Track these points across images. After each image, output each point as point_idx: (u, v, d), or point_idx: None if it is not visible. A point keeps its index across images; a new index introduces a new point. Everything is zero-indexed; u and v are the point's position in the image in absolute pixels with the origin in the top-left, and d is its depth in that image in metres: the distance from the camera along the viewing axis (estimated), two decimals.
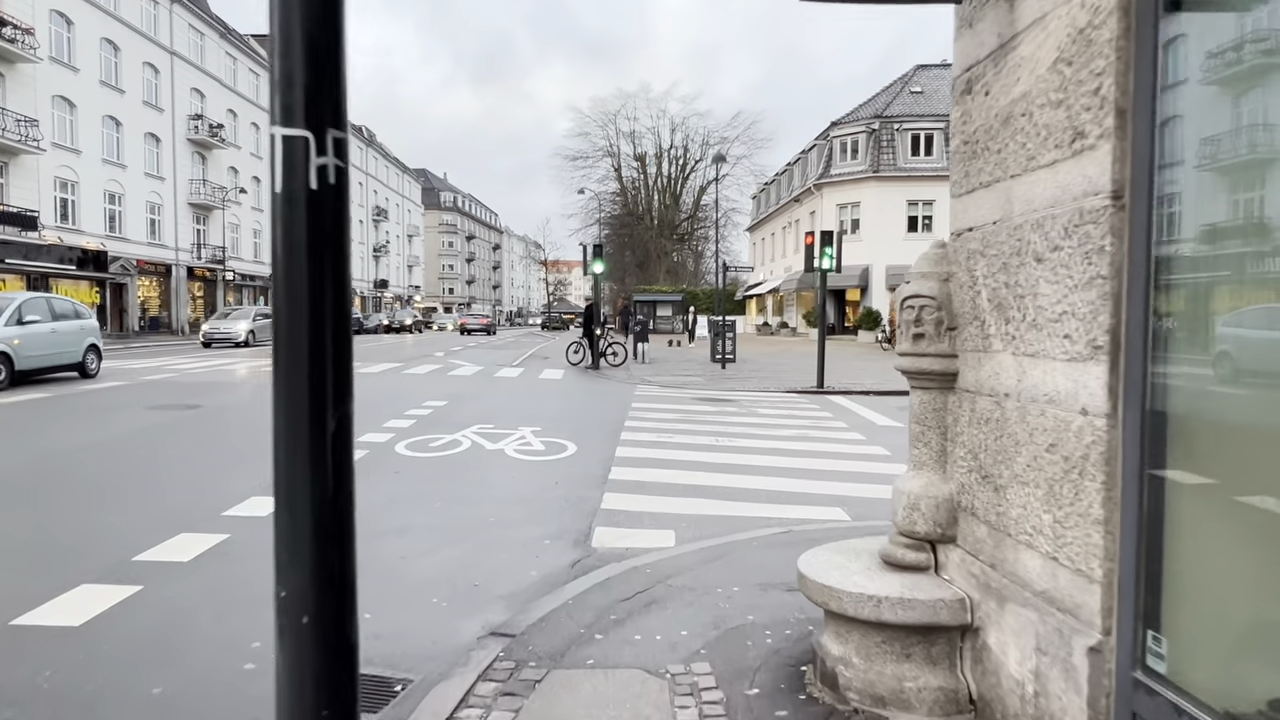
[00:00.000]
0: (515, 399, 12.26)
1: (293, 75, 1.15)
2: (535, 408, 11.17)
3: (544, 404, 11.68)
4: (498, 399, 12.17)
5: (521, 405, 11.40)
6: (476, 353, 25.35)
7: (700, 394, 13.73)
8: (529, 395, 12.98)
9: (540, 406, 11.33)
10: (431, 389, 13.60)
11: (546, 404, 11.69)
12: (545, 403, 11.88)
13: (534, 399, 12.43)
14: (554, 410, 10.95)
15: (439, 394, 12.65)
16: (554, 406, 11.36)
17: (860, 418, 11.09)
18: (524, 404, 11.58)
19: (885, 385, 15.15)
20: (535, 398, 12.63)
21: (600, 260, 18.86)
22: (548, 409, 11.03)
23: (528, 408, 11.12)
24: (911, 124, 32.45)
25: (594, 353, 19.09)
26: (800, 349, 27.87)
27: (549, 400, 12.34)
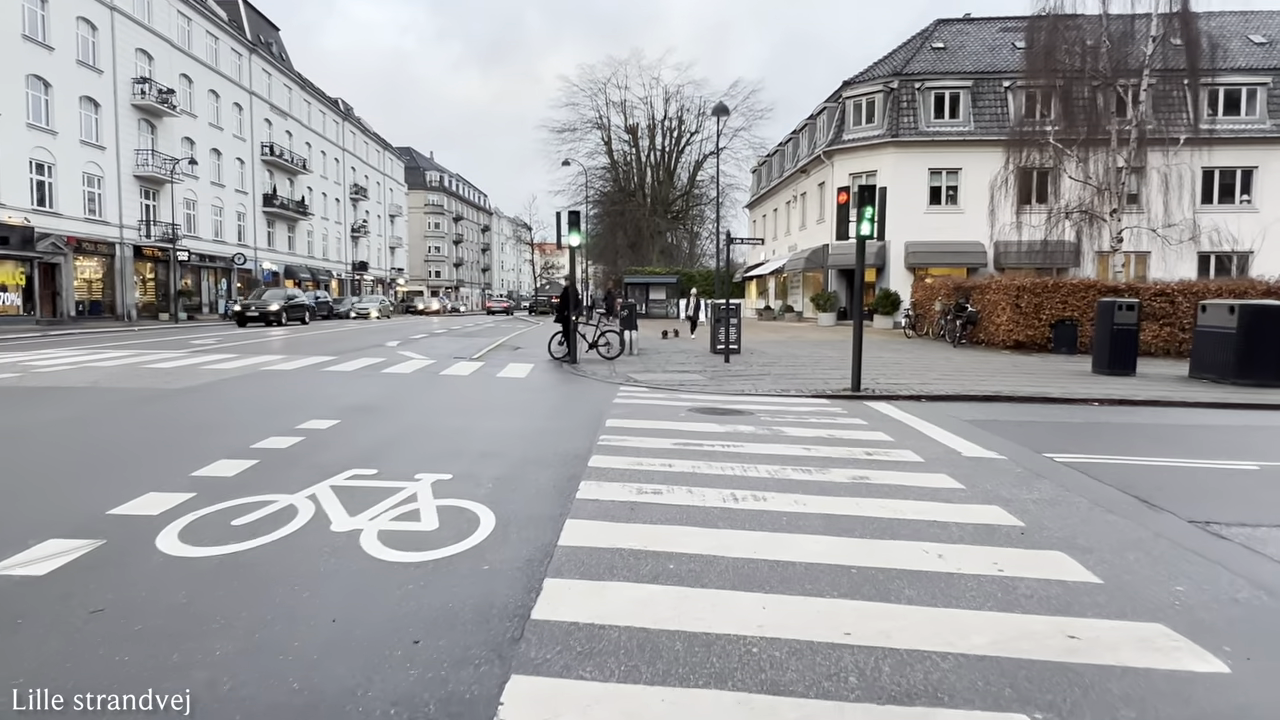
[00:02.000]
0: (442, 414, 8.86)
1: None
2: (464, 430, 7.80)
3: (480, 423, 8.29)
4: (418, 414, 8.78)
5: (445, 426, 8.02)
6: (437, 342, 21.93)
7: (701, 400, 10.39)
8: (466, 407, 9.58)
9: (472, 428, 7.94)
10: (340, 395, 10.23)
11: (484, 423, 8.29)
12: (483, 420, 8.49)
13: (470, 414, 9.04)
14: (489, 435, 7.56)
15: (343, 404, 9.28)
16: (492, 428, 7.96)
17: (929, 440, 7.77)
18: (450, 423, 8.19)
19: (935, 386, 11.81)
20: (473, 412, 9.23)
21: (577, 231, 15.45)
22: (481, 433, 7.66)
23: (452, 431, 7.73)
24: (935, 82, 28.92)
25: (570, 343, 15.72)
26: (811, 336, 24.54)
27: (491, 416, 8.94)
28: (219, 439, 6.98)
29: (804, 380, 12.76)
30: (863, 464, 6.57)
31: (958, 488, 5.84)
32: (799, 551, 4.26)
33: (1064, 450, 7.45)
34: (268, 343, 20.29)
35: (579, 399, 10.62)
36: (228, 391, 10.55)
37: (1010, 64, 29.65)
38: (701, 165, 56.51)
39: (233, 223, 46.12)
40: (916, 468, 6.51)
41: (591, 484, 5.55)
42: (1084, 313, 18.48)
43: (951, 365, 15.45)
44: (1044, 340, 18.69)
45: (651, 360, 16.23)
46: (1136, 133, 19.69)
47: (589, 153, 55.77)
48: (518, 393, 11.09)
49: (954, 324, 21.33)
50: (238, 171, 46.75)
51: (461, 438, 7.24)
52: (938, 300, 22.90)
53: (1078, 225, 21.59)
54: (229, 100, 45.54)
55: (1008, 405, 10.63)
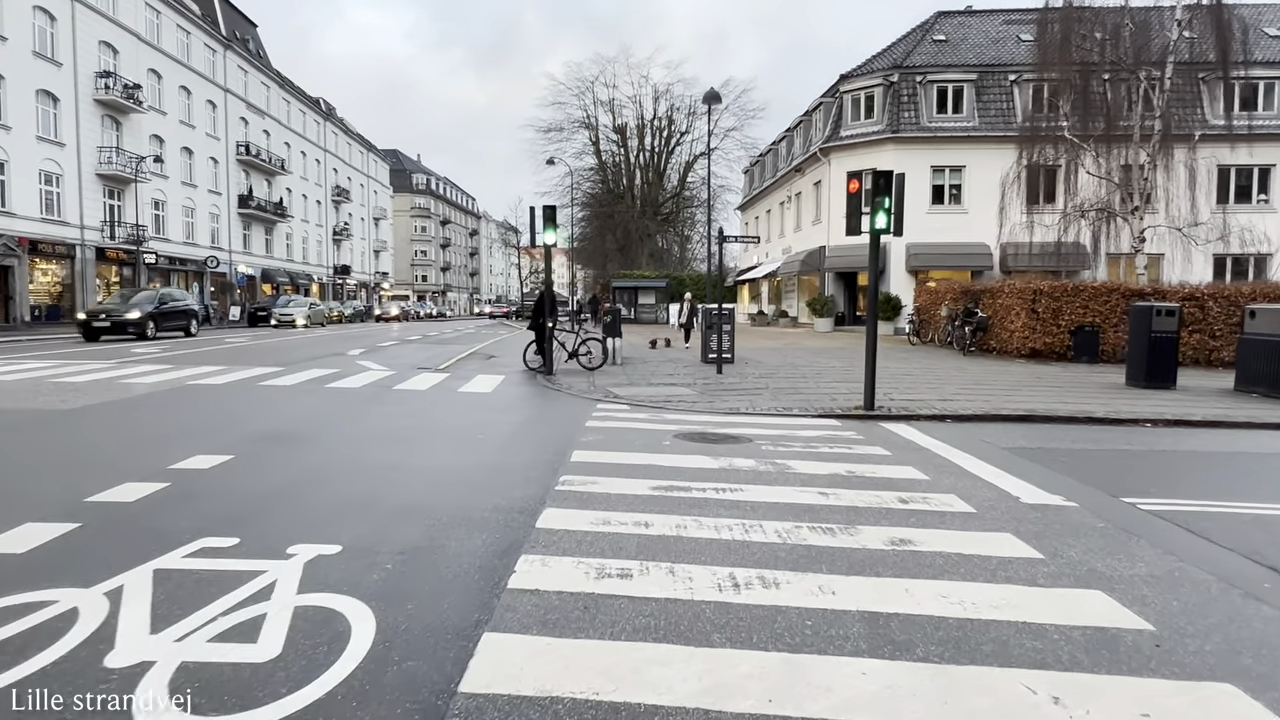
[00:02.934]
0: (374, 444, 7.26)
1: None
2: (391, 470, 6.23)
3: (416, 457, 6.72)
4: (342, 445, 7.19)
5: (370, 463, 6.43)
6: (406, 351, 20.30)
7: (689, 421, 8.84)
8: (407, 433, 7.97)
9: (403, 466, 6.37)
10: (259, 417, 8.64)
11: (421, 457, 6.71)
12: (421, 453, 6.92)
13: (408, 443, 7.45)
14: (422, 475, 5.99)
15: (253, 430, 7.69)
16: (429, 466, 6.39)
17: (971, 478, 6.25)
18: (378, 458, 6.60)
19: (957, 403, 10.29)
20: (413, 440, 7.63)
21: (553, 229, 13.89)
22: (411, 473, 6.11)
23: (375, 470, 6.16)
24: (937, 75, 27.48)
25: (545, 353, 14.16)
26: (809, 343, 23.05)
27: (433, 446, 7.35)
28: (52, 486, 5.38)
29: (807, 396, 11.23)
30: (899, 517, 5.03)
31: (1034, 557, 4.31)
32: (838, 693, 2.71)
33: (1141, 492, 5.95)
34: (210, 353, 18.64)
35: (546, 421, 9.05)
36: (125, 412, 8.93)
37: (1016, 57, 28.30)
38: (692, 166, 55.11)
39: (205, 224, 44.34)
40: (970, 523, 4.97)
41: (534, 561, 3.99)
42: (1106, 318, 17.06)
43: (967, 377, 13.96)
44: (1063, 348, 17.24)
45: (636, 371, 14.68)
46: (1161, 125, 18.28)
47: (576, 153, 54.26)
48: (476, 412, 9.50)
49: (962, 330, 19.88)
50: (211, 171, 44.98)
51: (383, 481, 5.66)
52: (944, 305, 21.44)
53: (1094, 225, 20.18)
54: (201, 97, 43.81)
55: (1046, 427, 9.14)
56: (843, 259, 29.09)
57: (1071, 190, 20.19)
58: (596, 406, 10.08)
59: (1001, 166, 26.51)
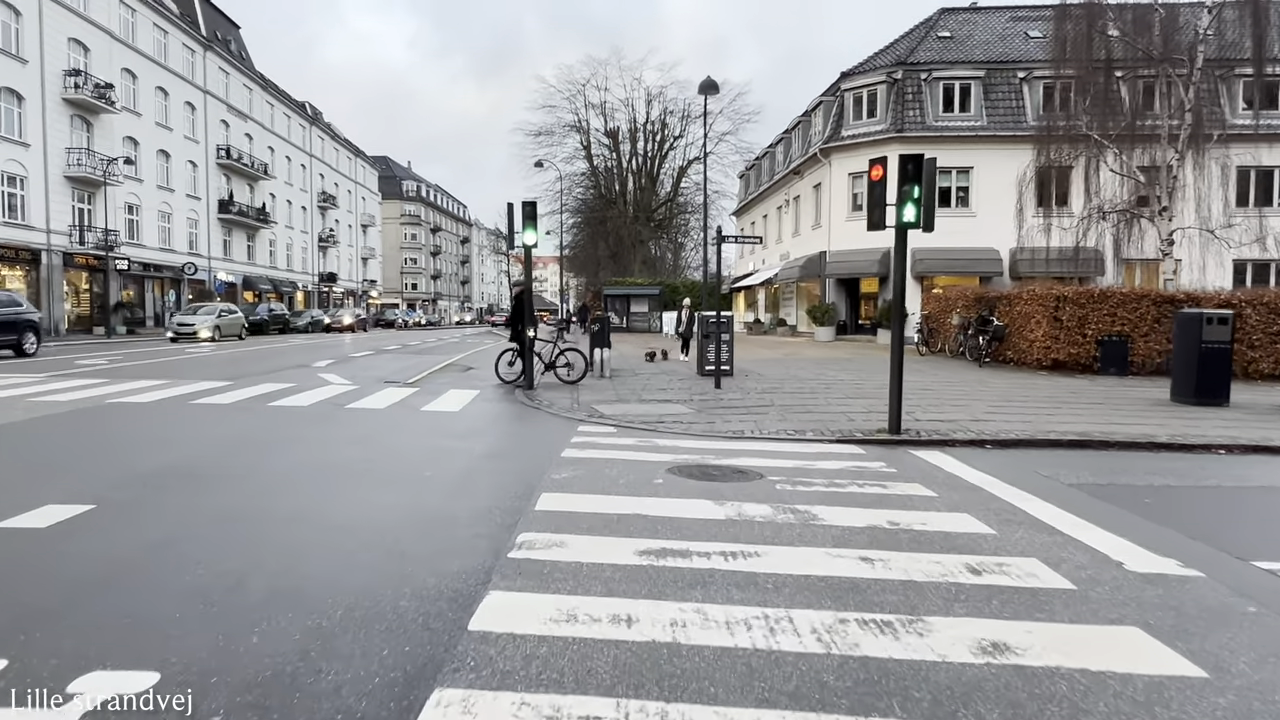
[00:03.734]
0: (290, 484, 5.84)
1: None
2: (295, 522, 4.83)
3: (337, 503, 5.29)
4: (251, 485, 5.77)
5: (272, 512, 5.03)
6: (379, 362, 18.84)
7: (686, 449, 7.43)
8: (339, 466, 6.54)
9: (315, 516, 4.96)
10: (161, 446, 7.22)
11: (341, 504, 5.28)
12: (345, 497, 5.50)
13: (336, 480, 6.02)
14: (332, 532, 4.55)
15: (143, 466, 6.26)
16: (348, 517, 4.95)
17: (1047, 530, 4.89)
18: (286, 505, 5.19)
19: (992, 424, 8.89)
20: (343, 476, 6.20)
21: (534, 228, 12.52)
22: (321, 528, 4.70)
23: (277, 523, 4.75)
24: (943, 72, 26.20)
25: (526, 365, 12.76)
26: (811, 354, 21.69)
27: (363, 486, 5.91)
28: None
29: (819, 415, 9.84)
30: (977, 600, 3.65)
31: (1195, 675, 2.92)
32: None
33: (1270, 550, 4.60)
34: (161, 365, 17.16)
35: (515, 450, 7.65)
36: (8, 439, 7.48)
37: (1024, 53, 27.13)
38: (686, 172, 53.79)
39: (183, 230, 42.78)
40: (1076, 608, 3.59)
41: (454, 700, 2.58)
42: (1135, 327, 15.74)
43: (993, 392, 12.60)
44: (1088, 359, 15.91)
45: (626, 385, 13.28)
46: (1191, 119, 17.03)
47: (567, 157, 52.84)
48: (434, 437, 8.08)
49: (976, 340, 18.55)
50: (189, 175, 43.47)
51: (276, 545, 4.24)
52: (955, 313, 20.13)
53: (1116, 228, 18.91)
54: (179, 99, 42.32)
55: (1104, 455, 7.78)
56: (844, 265, 27.77)
57: (1092, 191, 18.91)
58: (577, 429, 8.68)
59: (1011, 168, 25.27)
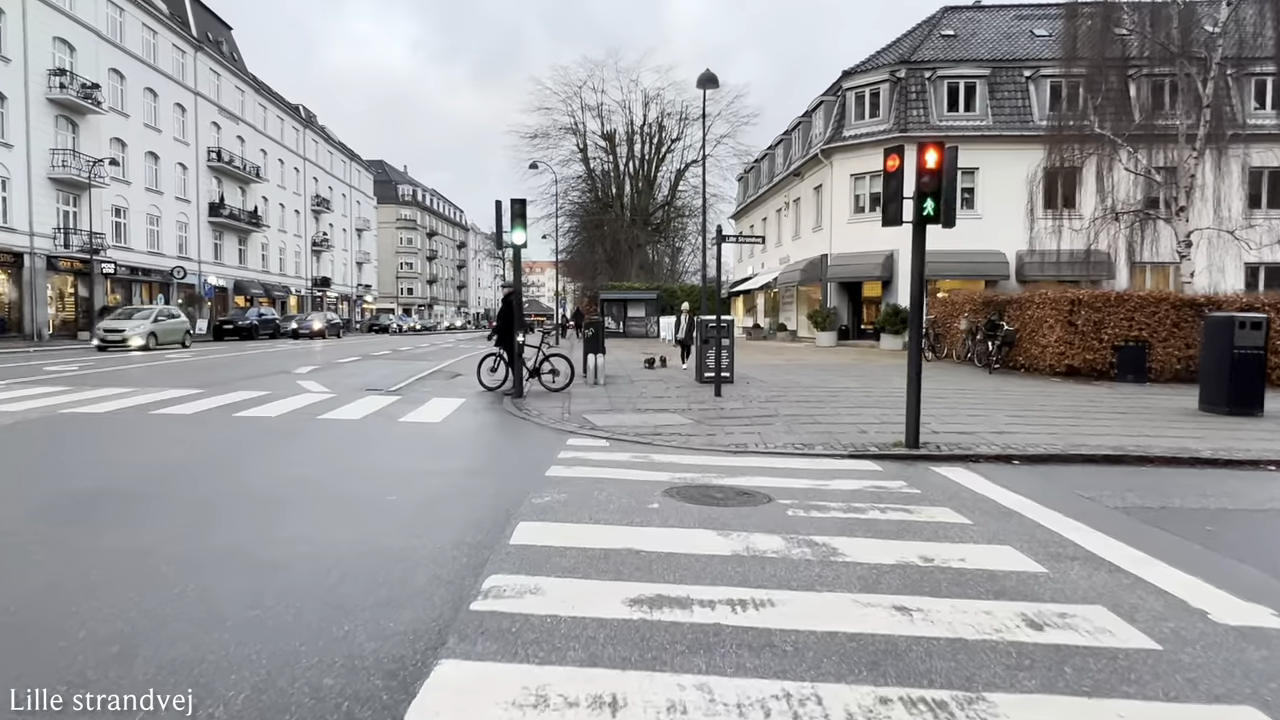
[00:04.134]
0: (222, 514, 5.11)
1: None
2: (224, 557, 4.14)
3: (268, 542, 4.56)
4: (175, 514, 5.05)
5: (189, 553, 4.32)
6: (364, 368, 18.09)
7: (685, 466, 6.72)
8: (283, 495, 5.80)
9: (245, 553, 4.24)
10: (104, 464, 6.51)
11: (273, 542, 4.54)
12: (279, 534, 4.77)
13: (272, 513, 5.29)
14: (250, 582, 3.80)
15: (67, 489, 5.53)
16: (279, 556, 4.23)
17: (1105, 567, 4.20)
18: (211, 542, 4.47)
19: (1015, 436, 8.17)
20: (283, 506, 5.45)
21: (522, 227, 11.82)
22: (249, 565, 3.97)
23: (192, 565, 4.04)
24: (948, 70, 25.54)
25: (515, 372, 12.05)
26: (813, 359, 21.00)
27: (314, 515, 5.16)
28: None
29: (828, 426, 9.13)
30: (1041, 664, 2.94)
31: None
32: None
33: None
34: (145, 370, 16.43)
35: (495, 467, 6.94)
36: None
37: (1030, 52, 26.51)
38: (683, 175, 53.18)
39: (172, 233, 42.02)
40: (1164, 673, 2.89)
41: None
42: (1154, 331, 15.07)
43: (1010, 400, 11.91)
44: (1105, 365, 15.24)
45: (621, 393, 12.58)
46: (1210, 116, 16.38)
47: (563, 160, 52.16)
48: (406, 454, 7.36)
49: (985, 345, 17.88)
50: (179, 177, 42.73)
51: (187, 594, 3.50)
52: (963, 317, 19.46)
53: (1130, 229, 18.27)
54: (169, 100, 41.62)
55: (1144, 471, 7.09)
56: (846, 268, 27.09)
57: (1104, 192, 18.27)
58: (566, 442, 7.97)
59: (1017, 169, 24.62)
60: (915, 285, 7.77)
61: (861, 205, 27.09)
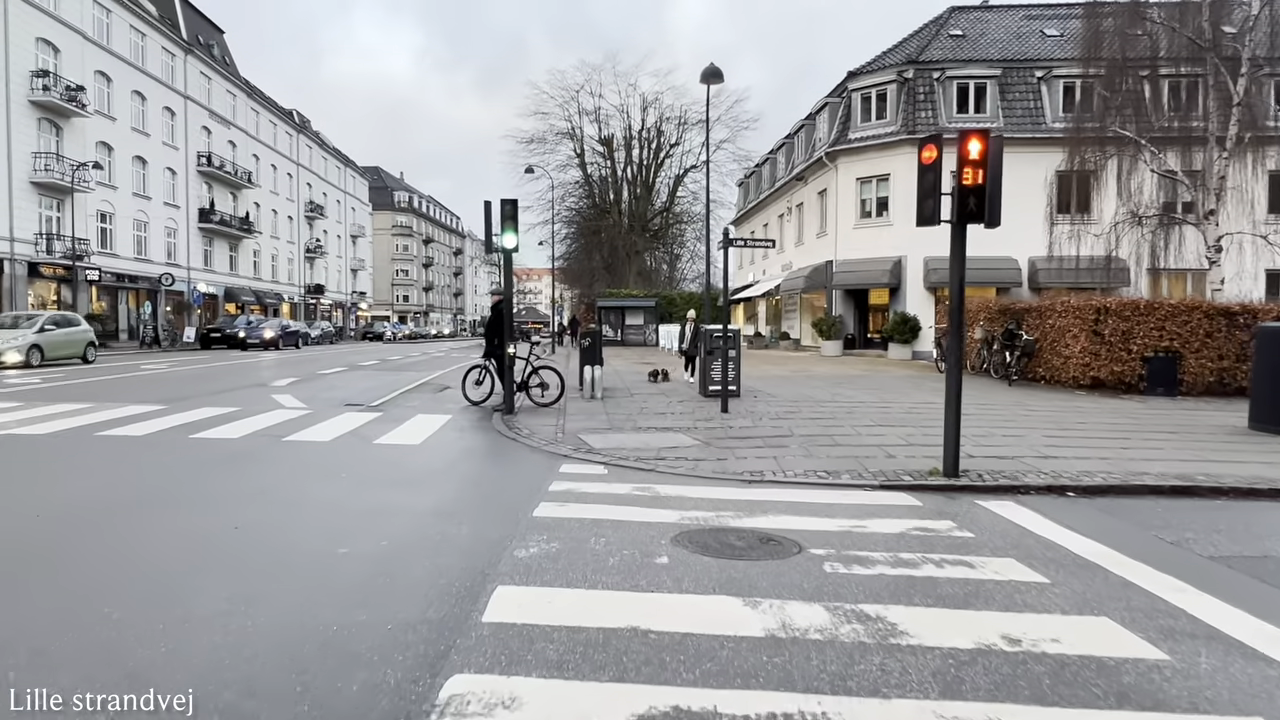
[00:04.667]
0: (118, 581, 4.24)
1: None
2: (86, 652, 3.24)
3: (165, 622, 3.63)
4: (54, 588, 4.17)
5: (49, 648, 3.41)
6: (348, 379, 17.14)
7: (695, 501, 5.80)
8: (214, 548, 4.89)
9: (116, 653, 3.35)
10: (4, 506, 5.57)
11: (173, 622, 3.61)
12: (181, 609, 3.86)
13: (185, 578, 4.40)
14: (123, 684, 2.84)
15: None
16: (167, 647, 3.30)
17: (1245, 652, 3.27)
18: (85, 629, 3.58)
19: (1062, 461, 7.21)
20: (206, 566, 4.56)
21: (513, 230, 10.94)
22: (124, 667, 3.06)
23: (36, 667, 3.09)
24: (957, 70, 24.74)
25: (505, 386, 11.14)
26: (820, 369, 20.10)
27: (226, 585, 4.21)
28: None
29: (850, 449, 8.22)
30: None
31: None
32: None
33: None
34: (114, 383, 15.48)
35: (474, 505, 6.00)
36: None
37: (1042, 52, 25.73)
38: (682, 180, 52.39)
39: (160, 239, 41.07)
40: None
41: None
42: (1186, 342, 14.19)
43: (1041, 417, 11.02)
44: (1134, 378, 14.35)
45: (620, 407, 11.67)
46: (1241, 115, 15.53)
47: (560, 165, 51.32)
48: (375, 484, 6.44)
49: (1003, 355, 17.00)
50: (168, 182, 41.82)
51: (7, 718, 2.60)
52: (977, 326, 18.57)
53: (1153, 234, 17.43)
54: (158, 104, 40.72)
55: (1216, 506, 6.20)
56: (853, 274, 26.21)
57: (1131, 192, 17.44)
58: (559, 469, 7.06)
59: (1029, 172, 23.79)
60: (955, 292, 6.89)
61: (868, 210, 26.24)
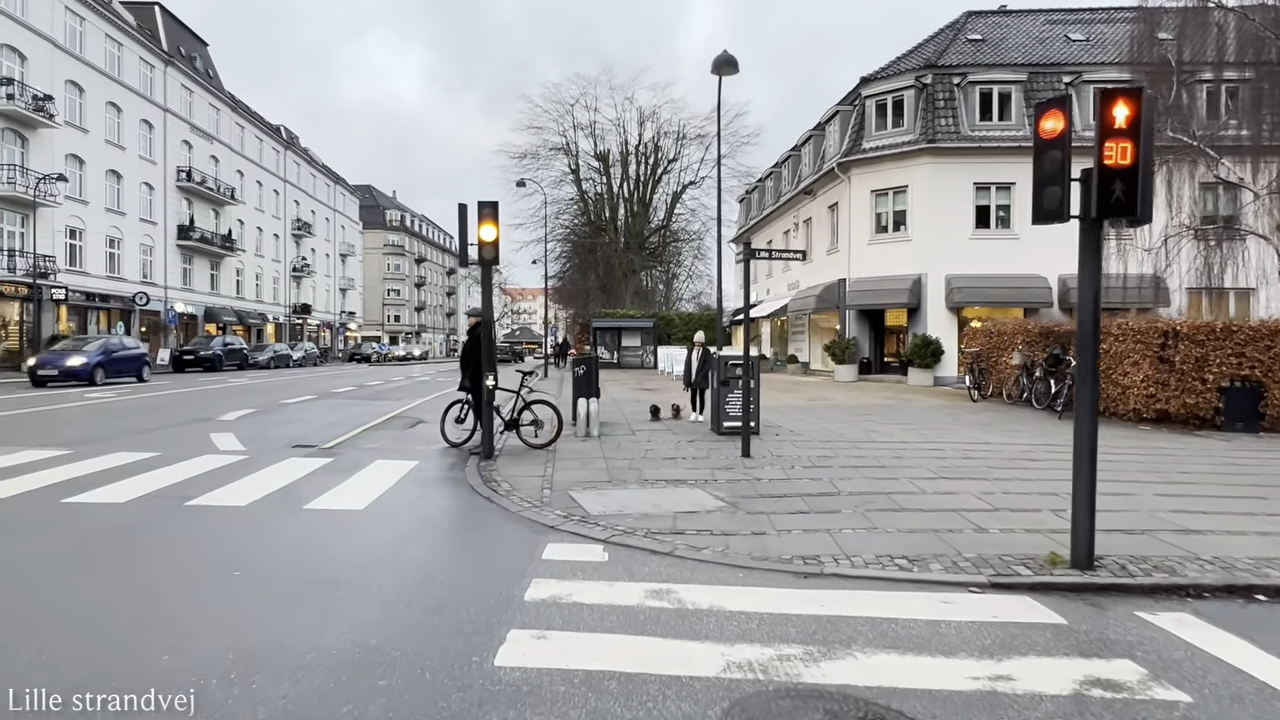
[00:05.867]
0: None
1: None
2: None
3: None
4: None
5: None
6: (310, 411, 15.18)
7: (739, 627, 3.90)
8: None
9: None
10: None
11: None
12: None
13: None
14: None
15: None
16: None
17: None
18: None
19: (1212, 540, 5.39)
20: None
21: (491, 234, 9.08)
22: None
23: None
24: (980, 75, 23.09)
25: (483, 426, 9.25)
26: (837, 397, 18.24)
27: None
28: None
29: (919, 513, 6.31)
30: None
31: None
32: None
33: None
34: (40, 416, 13.56)
35: (413, 638, 4.02)
36: None
37: (1068, 56, 24.18)
38: (680, 197, 50.79)
39: (135, 257, 39.18)
40: None
41: None
42: (1269, 370, 12.40)
43: (1130, 465, 9.17)
44: (1209, 411, 12.53)
45: (620, 449, 9.77)
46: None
47: (554, 181, 49.67)
48: (267, 601, 4.51)
49: (1046, 384, 15.21)
50: (144, 198, 40.02)
51: None
52: (1015, 351, 16.75)
53: (1208, 249, 15.74)
54: (134, 116, 39.00)
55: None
56: (867, 294, 24.42)
57: (1177, 207, 15.78)
58: (543, 555, 5.16)
59: None
60: (1087, 311, 4.99)
61: (884, 224, 24.49)
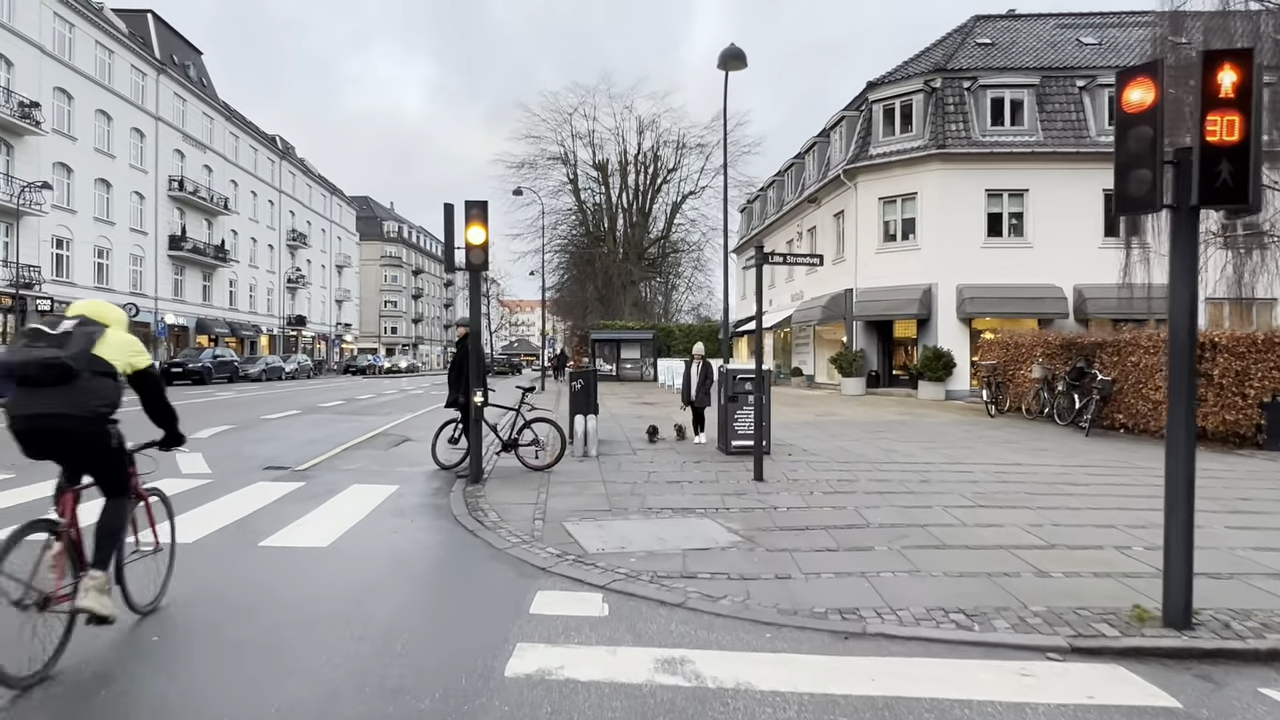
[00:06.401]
0: None
1: None
2: None
3: None
4: None
5: None
6: (288, 428, 14.36)
7: (768, 710, 3.09)
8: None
9: None
10: None
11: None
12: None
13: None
14: None
15: None
16: None
17: None
18: None
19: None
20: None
21: (480, 236, 8.29)
22: None
23: None
24: (991, 79, 22.42)
25: (471, 445, 8.45)
26: (847, 412, 17.44)
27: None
28: None
29: (964, 552, 5.48)
30: None
31: None
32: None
33: None
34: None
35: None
36: None
37: (1082, 60, 23.54)
38: (680, 208, 50.15)
39: (124, 267, 38.43)
40: None
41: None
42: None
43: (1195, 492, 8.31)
44: (1249, 429, 11.73)
45: (621, 472, 8.95)
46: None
47: (552, 191, 49.00)
48: (184, 669, 3.70)
49: (1070, 399, 14.42)
50: (134, 207, 39.31)
51: None
52: (1035, 364, 15.97)
53: (1239, 257, 14.99)
54: (124, 124, 38.34)
55: None
56: (875, 304, 23.65)
57: (1204, 214, 14.99)
58: (531, 609, 4.33)
59: (1073, 190, 21.50)
60: (1181, 316, 4.19)
61: (892, 233, 23.75)
